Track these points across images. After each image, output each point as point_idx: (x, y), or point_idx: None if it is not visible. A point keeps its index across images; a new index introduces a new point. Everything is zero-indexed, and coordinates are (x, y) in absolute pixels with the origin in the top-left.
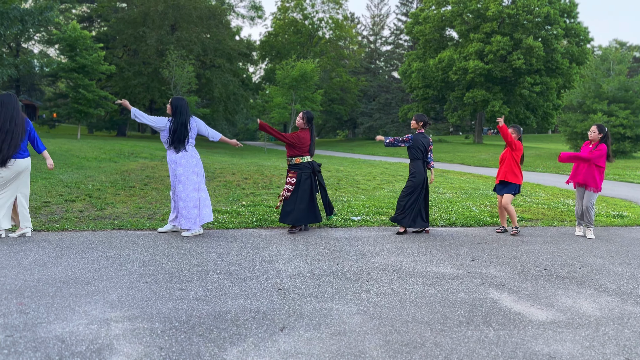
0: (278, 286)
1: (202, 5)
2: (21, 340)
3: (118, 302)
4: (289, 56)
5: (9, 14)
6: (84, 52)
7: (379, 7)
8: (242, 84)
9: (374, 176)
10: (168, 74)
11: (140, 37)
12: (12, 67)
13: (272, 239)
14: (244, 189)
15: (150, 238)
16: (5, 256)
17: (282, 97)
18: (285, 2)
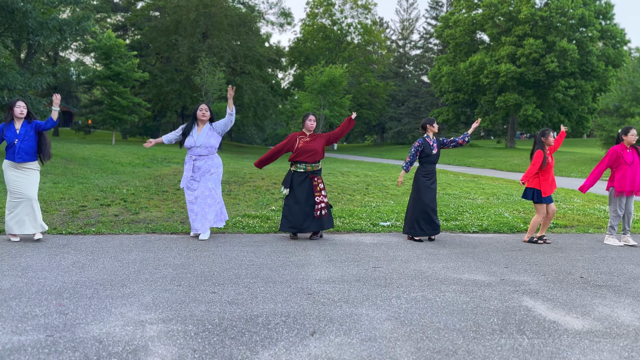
0: (308, 291)
1: (232, 13)
2: (61, 340)
3: (153, 304)
4: (318, 62)
5: (49, 24)
6: (119, 60)
7: (408, 11)
8: (271, 89)
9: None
10: (199, 80)
11: (172, 45)
12: (50, 75)
13: (301, 244)
14: (273, 194)
15: (183, 242)
16: (45, 258)
17: (311, 102)
18: (314, 8)
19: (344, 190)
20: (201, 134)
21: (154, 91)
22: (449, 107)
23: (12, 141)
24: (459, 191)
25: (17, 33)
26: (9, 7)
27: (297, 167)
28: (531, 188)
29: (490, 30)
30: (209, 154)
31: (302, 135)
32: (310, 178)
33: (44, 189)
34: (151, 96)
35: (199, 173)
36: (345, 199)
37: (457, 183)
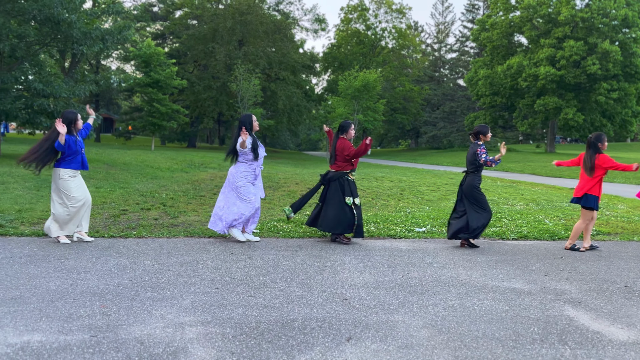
0: (343, 296)
1: (268, 20)
2: (104, 341)
3: (192, 306)
4: (352, 67)
5: (92, 34)
6: (158, 68)
7: (443, 14)
8: (305, 95)
9: (438, 187)
10: (235, 87)
11: (209, 53)
12: (93, 83)
13: (335, 249)
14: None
15: (220, 245)
16: (89, 261)
17: (345, 107)
18: (348, 14)
19: (378, 195)
20: (261, 145)
21: (191, 98)
22: (486, 111)
23: (80, 150)
24: (497, 197)
25: (63, 43)
26: (56, 18)
27: (352, 174)
28: (594, 195)
29: (529, 32)
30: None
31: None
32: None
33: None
34: (189, 103)
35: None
36: (379, 204)
37: (495, 188)
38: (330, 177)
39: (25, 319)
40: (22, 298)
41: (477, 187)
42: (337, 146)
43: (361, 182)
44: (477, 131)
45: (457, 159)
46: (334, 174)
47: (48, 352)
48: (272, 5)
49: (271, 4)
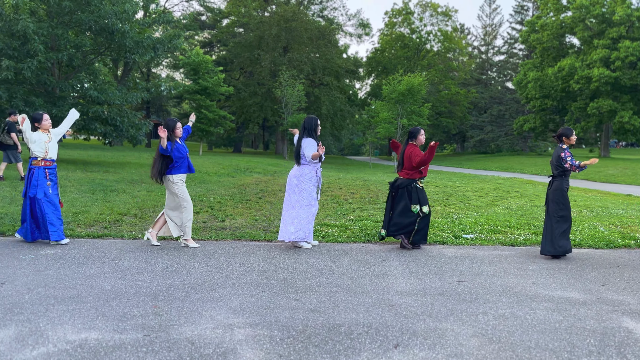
0: (389, 302)
1: (312, 27)
2: (157, 340)
3: (240, 308)
4: (396, 71)
5: (144, 43)
6: (206, 75)
7: (491, 16)
8: (348, 100)
9: (486, 192)
10: (280, 93)
11: (255, 60)
12: (144, 91)
13: (380, 254)
14: (351, 204)
15: (266, 249)
16: (142, 262)
17: (388, 111)
18: (392, 18)
19: None
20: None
21: (237, 104)
22: (535, 114)
23: (185, 155)
24: None
25: (116, 52)
26: (110, 28)
27: (421, 181)
28: None
29: (581, 33)
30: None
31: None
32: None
33: (139, 197)
34: (235, 109)
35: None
36: None
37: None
38: (399, 185)
39: (83, 317)
40: (79, 297)
41: (564, 190)
42: (405, 153)
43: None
44: (560, 134)
45: (506, 164)
46: (402, 181)
47: (104, 349)
48: (316, 12)
49: (315, 10)
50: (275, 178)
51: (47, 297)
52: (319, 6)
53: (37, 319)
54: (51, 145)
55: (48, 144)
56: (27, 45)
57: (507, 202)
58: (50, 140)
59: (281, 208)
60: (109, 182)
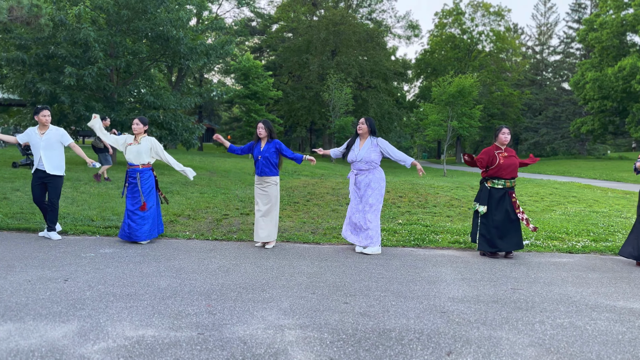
0: (441, 309)
1: (360, 30)
2: (210, 339)
3: (290, 310)
4: (446, 72)
5: (197, 49)
6: (256, 80)
7: (546, 15)
8: (396, 102)
9: (541, 197)
10: (328, 96)
11: (303, 64)
12: (197, 96)
13: (431, 259)
14: (399, 207)
15: (315, 251)
16: (195, 262)
17: (438, 114)
18: (442, 18)
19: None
20: (362, 149)
21: (285, 108)
22: (594, 116)
23: (257, 157)
24: (608, 209)
25: (171, 58)
26: (165, 35)
27: (494, 183)
28: None
29: None
30: (369, 168)
31: (499, 150)
32: (509, 194)
33: (193, 199)
34: (283, 112)
35: (361, 187)
36: None
37: (606, 200)
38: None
39: (140, 315)
40: (136, 295)
41: None
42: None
43: (456, 190)
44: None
45: (562, 168)
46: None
47: (160, 346)
48: (364, 15)
49: (364, 13)
50: (323, 181)
51: (106, 294)
52: (367, 9)
53: (98, 315)
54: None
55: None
56: (88, 53)
57: (564, 207)
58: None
59: (329, 210)
60: (164, 184)
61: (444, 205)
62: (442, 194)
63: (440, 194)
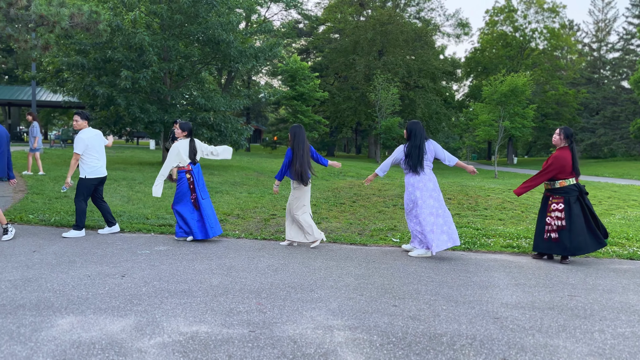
0: (494, 315)
1: (408, 29)
2: (261, 337)
3: (339, 310)
4: (497, 71)
5: (246, 52)
6: (302, 82)
7: (604, 11)
8: (444, 102)
9: (599, 200)
10: (374, 97)
11: (350, 65)
12: (246, 98)
13: (482, 264)
14: (449, 209)
15: (362, 253)
16: (245, 260)
17: (489, 113)
18: (494, 16)
19: (528, 208)
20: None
21: (331, 109)
22: None
23: None
24: None
25: (221, 61)
26: (216, 39)
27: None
28: None
29: None
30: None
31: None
32: (547, 196)
33: (241, 198)
34: (329, 113)
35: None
36: (530, 217)
37: None
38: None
39: (194, 311)
40: (190, 291)
41: None
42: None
43: (508, 193)
44: None
45: (621, 170)
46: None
47: (213, 342)
48: (412, 14)
49: (412, 12)
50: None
51: (161, 290)
52: (415, 8)
53: (154, 310)
54: None
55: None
56: (142, 57)
57: (624, 211)
58: None
59: (375, 212)
60: (214, 184)
61: (495, 208)
62: (494, 197)
63: (491, 197)
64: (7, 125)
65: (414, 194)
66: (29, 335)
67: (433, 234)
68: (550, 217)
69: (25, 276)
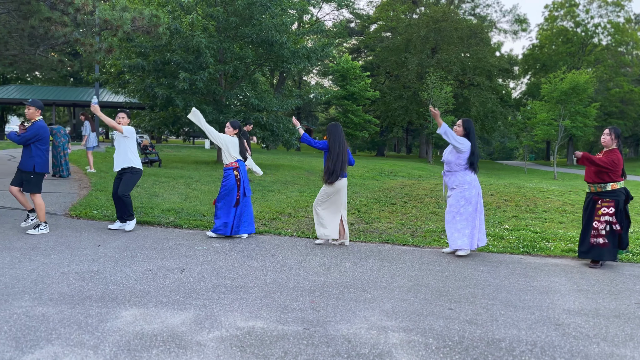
0: (556, 321)
1: (463, 26)
2: (316, 335)
3: (392, 312)
4: (557, 68)
5: (299, 53)
6: (353, 81)
7: None
8: (500, 100)
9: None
10: (426, 95)
11: (402, 63)
12: (298, 98)
13: (542, 268)
14: (505, 212)
15: (415, 254)
16: (298, 258)
17: (548, 112)
18: (553, 11)
19: None
20: (446, 150)
21: (382, 108)
22: None
23: None
24: None
25: (274, 62)
26: (269, 40)
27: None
28: None
29: None
30: (451, 170)
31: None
32: (594, 200)
33: (293, 197)
34: (379, 113)
35: (449, 188)
36: None
37: None
38: None
39: (250, 307)
40: (245, 287)
41: None
42: None
43: (568, 195)
44: None
45: None
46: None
47: (269, 338)
48: (467, 10)
49: (467, 9)
50: (420, 182)
51: (218, 286)
52: (470, 4)
53: (212, 305)
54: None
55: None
56: (199, 59)
57: None
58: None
59: (428, 213)
60: (266, 183)
61: (555, 210)
62: (553, 199)
63: (550, 199)
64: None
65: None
66: (96, 325)
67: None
68: (598, 222)
69: (91, 269)
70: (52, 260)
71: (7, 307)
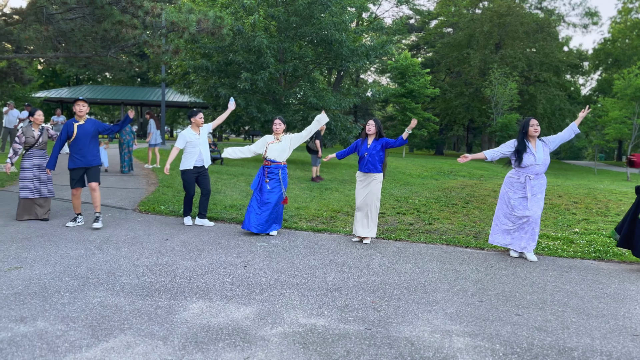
0: (633, 331)
1: (529, 20)
2: (378, 335)
3: (457, 315)
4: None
5: (357, 51)
6: (412, 78)
7: None
8: (568, 97)
9: None
10: (490, 92)
11: (463, 59)
12: (356, 96)
13: (617, 275)
14: (575, 214)
15: (479, 257)
16: (357, 258)
17: (621, 110)
18: (628, 3)
19: None
20: (538, 151)
21: (442, 106)
22: None
23: (363, 154)
24: None
25: (333, 61)
26: (329, 39)
27: None
28: None
29: None
30: (543, 172)
31: None
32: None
33: (350, 196)
34: (439, 110)
35: (533, 192)
36: None
37: None
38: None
39: (311, 304)
40: (306, 285)
41: None
42: None
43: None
44: None
45: None
46: None
47: (331, 336)
48: (534, 4)
49: (533, 3)
50: (482, 182)
51: (280, 282)
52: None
53: (274, 300)
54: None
55: (268, 146)
56: (261, 59)
57: None
58: (272, 143)
59: (491, 214)
60: (324, 181)
61: None
62: (627, 202)
63: (623, 201)
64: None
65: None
66: (165, 317)
67: None
68: None
69: (160, 262)
70: (123, 252)
71: (83, 297)
